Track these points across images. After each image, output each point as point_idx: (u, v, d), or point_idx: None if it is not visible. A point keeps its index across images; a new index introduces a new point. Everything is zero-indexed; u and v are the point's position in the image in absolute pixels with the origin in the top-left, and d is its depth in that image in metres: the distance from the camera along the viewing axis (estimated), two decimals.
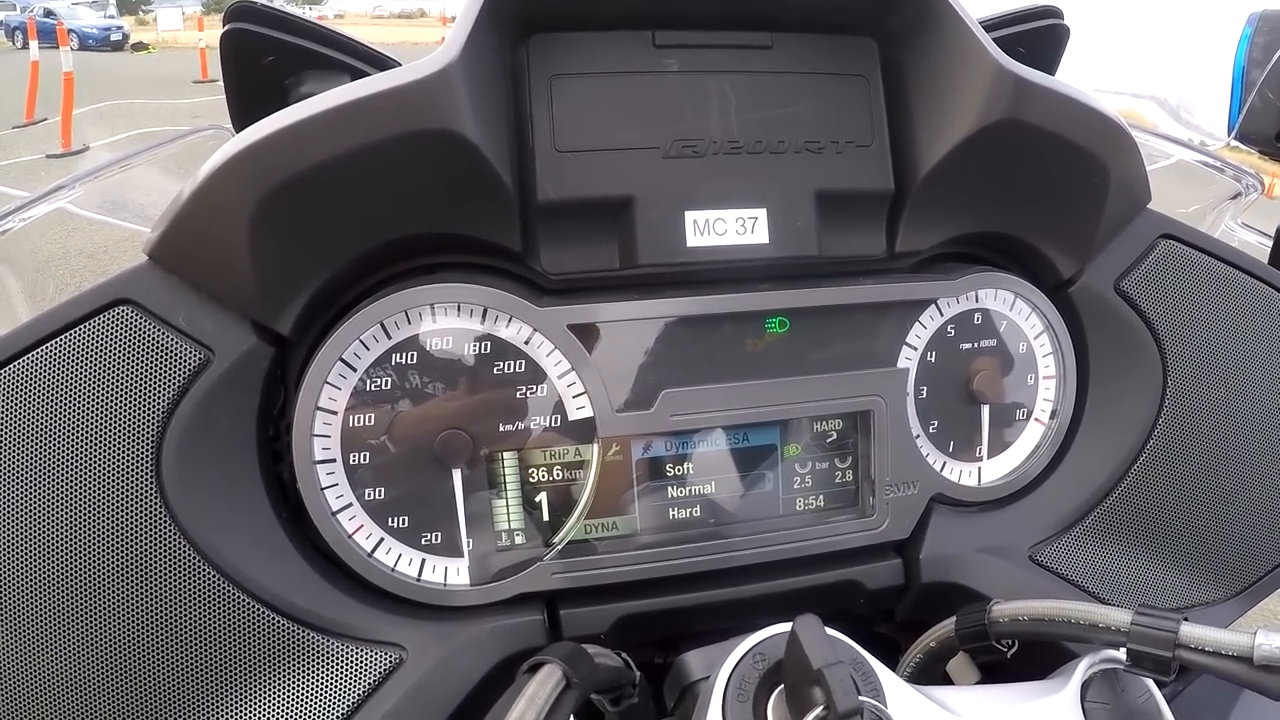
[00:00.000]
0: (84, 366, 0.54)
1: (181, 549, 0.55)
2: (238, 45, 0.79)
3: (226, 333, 0.57)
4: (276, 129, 0.53)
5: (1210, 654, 0.50)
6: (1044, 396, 0.74)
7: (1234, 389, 0.74)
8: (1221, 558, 0.75)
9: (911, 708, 0.52)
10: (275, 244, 0.55)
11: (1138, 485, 0.73)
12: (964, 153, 0.63)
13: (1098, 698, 0.55)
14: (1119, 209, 0.70)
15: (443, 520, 0.62)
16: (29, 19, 13.84)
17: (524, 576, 0.63)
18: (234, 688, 0.56)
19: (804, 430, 0.68)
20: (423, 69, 0.53)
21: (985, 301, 0.72)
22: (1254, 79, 1.01)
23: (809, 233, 0.64)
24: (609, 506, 0.65)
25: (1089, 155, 0.65)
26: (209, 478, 0.57)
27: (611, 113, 0.61)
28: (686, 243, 0.62)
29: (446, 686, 0.59)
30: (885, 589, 0.70)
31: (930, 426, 0.72)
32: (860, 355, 0.68)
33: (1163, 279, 0.73)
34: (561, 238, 0.62)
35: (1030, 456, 0.74)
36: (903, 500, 0.69)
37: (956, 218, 0.69)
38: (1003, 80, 0.61)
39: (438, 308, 0.60)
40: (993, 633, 0.60)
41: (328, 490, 0.60)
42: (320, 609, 0.59)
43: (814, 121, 0.64)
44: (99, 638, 0.54)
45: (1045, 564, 0.71)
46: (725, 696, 0.51)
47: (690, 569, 0.65)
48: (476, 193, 0.58)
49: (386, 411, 0.60)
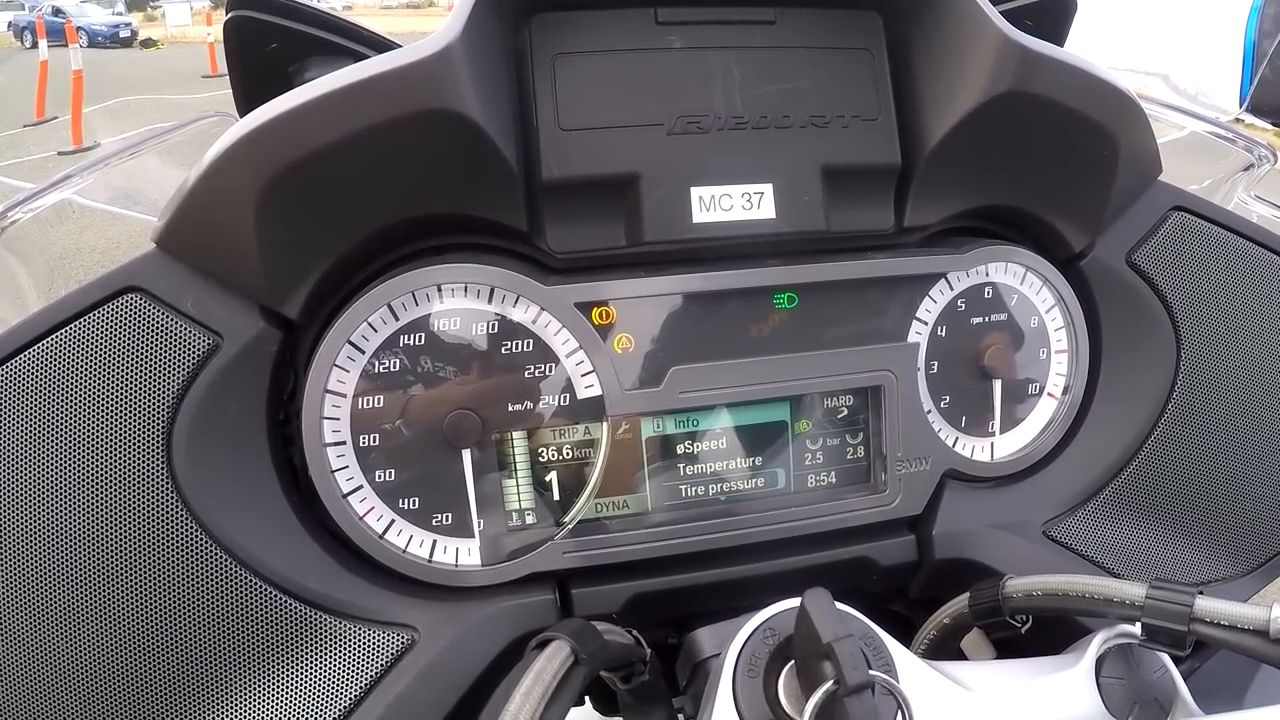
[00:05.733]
0: (94, 354, 0.55)
1: (194, 533, 0.55)
2: (242, 32, 0.79)
3: (235, 318, 0.57)
4: (280, 113, 0.53)
5: (1226, 628, 0.50)
6: (1056, 371, 0.74)
7: (1248, 361, 0.73)
8: (1238, 532, 0.74)
9: (923, 682, 0.52)
10: (281, 228, 0.56)
11: (1152, 460, 0.72)
12: (971, 125, 0.62)
13: (1113, 673, 0.55)
14: (1129, 181, 0.69)
15: (453, 501, 0.62)
16: (37, 17, 13.87)
17: (535, 556, 0.63)
18: (247, 670, 0.57)
19: (814, 406, 0.68)
20: (424, 49, 0.53)
21: (995, 275, 0.71)
22: (1265, 50, 0.99)
23: (816, 208, 0.64)
24: (619, 485, 0.65)
25: (1098, 127, 0.64)
26: (220, 462, 0.57)
27: (615, 90, 0.61)
28: (693, 219, 0.62)
29: (459, 667, 0.59)
30: (898, 565, 0.70)
31: (942, 402, 0.71)
32: (870, 330, 0.68)
33: (1175, 251, 0.72)
34: (567, 216, 0.62)
35: (1043, 431, 0.74)
36: (915, 476, 0.69)
37: (965, 191, 0.68)
38: (1009, 52, 0.60)
39: (445, 288, 0.60)
40: (1006, 608, 0.59)
41: (338, 473, 0.60)
42: (332, 591, 0.59)
43: (819, 96, 0.64)
44: (111, 622, 0.55)
45: (1059, 539, 0.71)
46: (736, 673, 0.51)
47: (701, 547, 0.65)
48: (481, 172, 0.58)
49: (396, 393, 0.60)
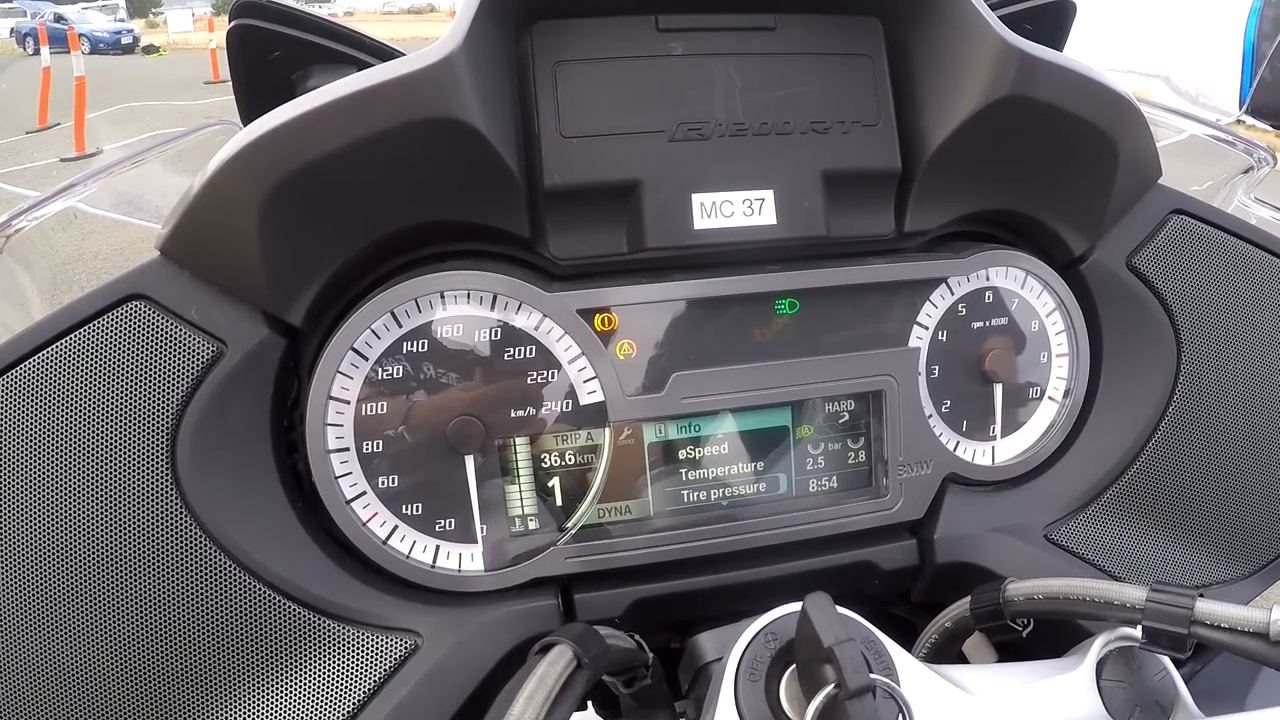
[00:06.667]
0: (98, 361, 0.55)
1: (198, 539, 0.56)
2: (245, 41, 0.79)
3: (239, 325, 0.57)
4: (283, 121, 0.53)
5: (1226, 630, 0.50)
6: (1057, 374, 0.74)
7: (1249, 363, 0.73)
8: (1239, 535, 0.74)
9: (924, 685, 0.52)
10: (285, 236, 0.56)
11: (1153, 463, 0.72)
12: (971, 130, 0.63)
13: (1113, 676, 0.55)
14: (1129, 184, 0.69)
15: (456, 507, 0.62)
16: (40, 24, 13.91)
17: (538, 561, 0.63)
18: (251, 675, 0.57)
19: (816, 411, 0.68)
20: (426, 58, 0.53)
21: (996, 280, 0.71)
22: (1264, 52, 1.00)
23: (817, 213, 0.64)
24: (622, 491, 0.65)
25: (1097, 130, 0.64)
26: (224, 469, 0.57)
27: (616, 98, 0.61)
28: (694, 225, 0.62)
29: (462, 672, 0.59)
30: (900, 570, 0.70)
31: (943, 406, 0.71)
32: (871, 335, 0.68)
33: (1175, 254, 0.72)
34: (569, 223, 0.62)
35: (1044, 435, 0.74)
36: (916, 480, 0.69)
37: (965, 196, 0.69)
38: (1008, 56, 0.60)
39: (448, 295, 0.61)
40: (1008, 612, 0.59)
41: (342, 479, 0.60)
42: (336, 596, 0.59)
43: (819, 102, 0.64)
44: (117, 627, 0.55)
45: (1060, 543, 0.71)
46: (737, 677, 0.51)
47: (704, 552, 0.65)
48: (483, 180, 0.58)
49: (399, 400, 0.61)
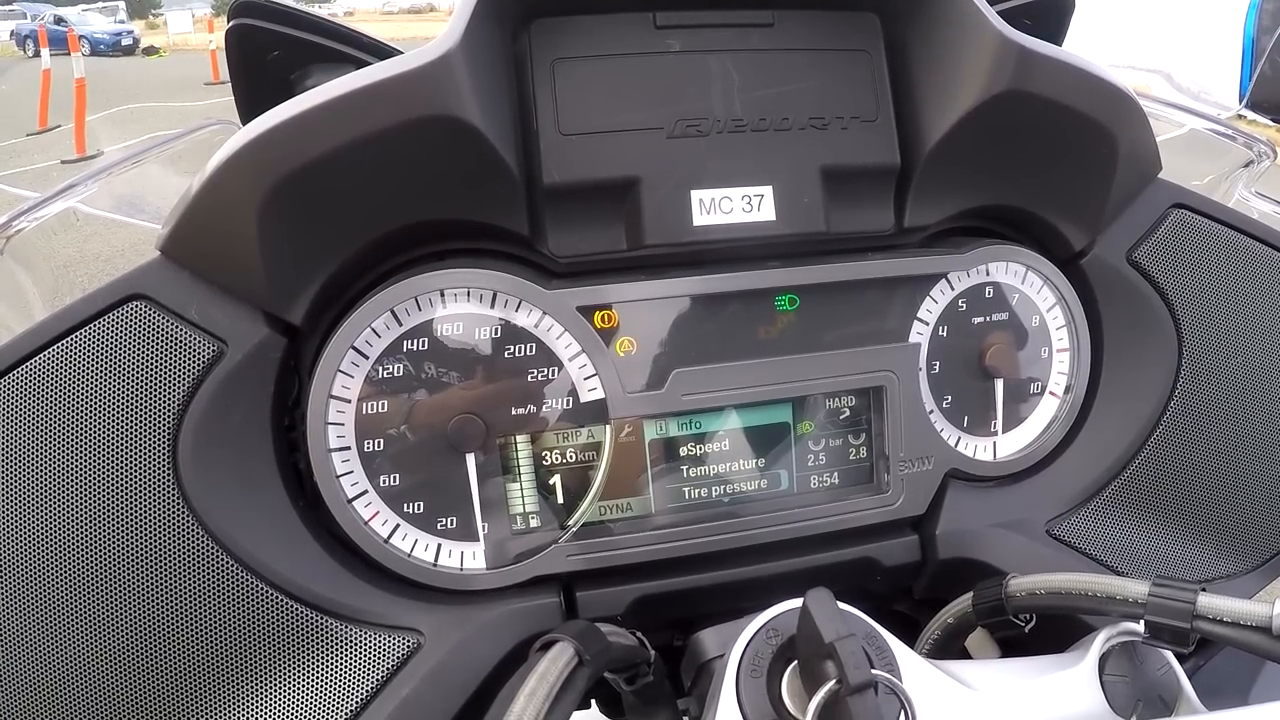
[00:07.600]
0: (99, 362, 0.55)
1: (200, 539, 0.56)
2: (243, 41, 0.80)
3: (239, 324, 0.57)
4: (282, 120, 0.53)
5: (1228, 624, 0.49)
6: (1058, 370, 0.74)
7: (1250, 357, 0.73)
8: (1242, 529, 0.74)
9: (926, 681, 0.52)
10: (285, 235, 0.56)
11: (1155, 457, 0.72)
12: (970, 125, 0.62)
13: (1116, 670, 0.55)
14: (1129, 179, 0.69)
15: (458, 505, 0.62)
16: (40, 26, 13.92)
17: (539, 559, 0.63)
18: (253, 674, 0.57)
19: (817, 408, 0.68)
20: (424, 56, 0.53)
21: (996, 275, 0.71)
22: (1264, 46, 0.99)
23: (816, 209, 0.64)
24: (623, 488, 0.65)
25: (1096, 125, 0.64)
26: (226, 468, 0.57)
27: (615, 95, 0.61)
28: (693, 222, 0.62)
29: (464, 670, 0.59)
30: (902, 565, 0.70)
31: (944, 401, 0.71)
32: (871, 331, 0.68)
33: (1176, 249, 0.72)
34: (568, 221, 0.62)
35: (1045, 430, 0.74)
36: (917, 476, 0.69)
37: (964, 191, 0.69)
38: (1007, 51, 0.60)
39: (448, 293, 0.61)
40: (1010, 607, 0.59)
41: (343, 478, 0.60)
42: (338, 595, 0.59)
43: (818, 98, 0.64)
44: (119, 628, 0.55)
45: (1063, 538, 0.71)
46: (739, 673, 0.51)
47: (705, 549, 0.65)
48: (483, 178, 0.58)
49: (400, 398, 0.61)
